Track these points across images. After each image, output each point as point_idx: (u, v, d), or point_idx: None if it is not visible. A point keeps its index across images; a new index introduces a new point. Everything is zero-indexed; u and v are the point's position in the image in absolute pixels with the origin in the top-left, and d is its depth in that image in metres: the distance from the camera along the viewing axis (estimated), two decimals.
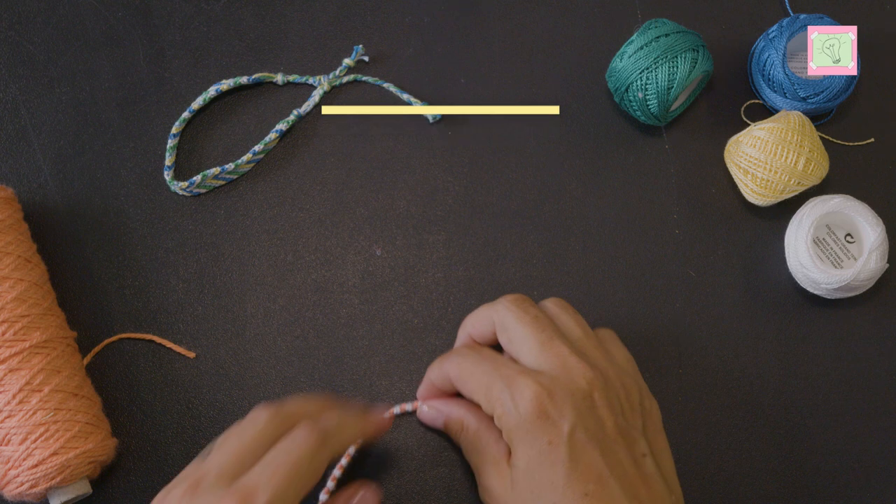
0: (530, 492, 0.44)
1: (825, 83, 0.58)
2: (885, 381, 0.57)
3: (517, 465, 0.45)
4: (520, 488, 0.45)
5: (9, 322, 0.51)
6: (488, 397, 0.46)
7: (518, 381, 0.45)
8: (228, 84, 0.60)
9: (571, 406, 0.44)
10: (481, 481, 0.48)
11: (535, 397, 0.44)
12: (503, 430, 0.46)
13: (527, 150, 0.60)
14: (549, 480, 0.43)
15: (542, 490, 0.44)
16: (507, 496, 0.46)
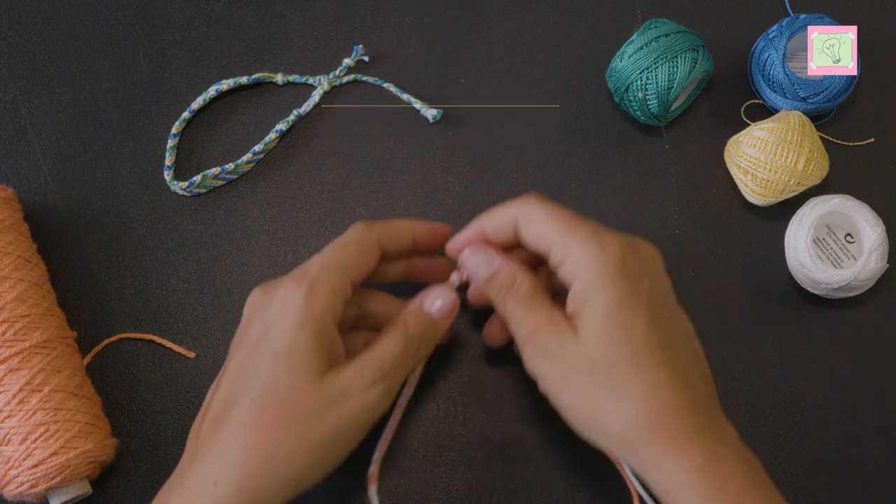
0: (608, 340, 0.44)
1: (825, 83, 0.58)
2: (885, 381, 0.57)
3: (595, 312, 0.44)
4: (594, 338, 0.44)
5: (9, 322, 0.51)
6: (566, 241, 0.45)
7: (604, 233, 0.46)
8: (228, 84, 0.60)
9: (649, 269, 0.46)
10: (536, 343, 0.46)
11: (623, 249, 0.45)
12: (576, 278, 0.45)
13: (527, 150, 0.60)
14: (631, 325, 0.44)
15: (622, 335, 0.44)
16: (571, 352, 0.44)
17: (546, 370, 0.45)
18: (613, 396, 0.43)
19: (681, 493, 0.42)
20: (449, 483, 0.55)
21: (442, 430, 0.55)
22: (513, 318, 0.47)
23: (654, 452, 0.43)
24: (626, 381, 0.43)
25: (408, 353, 0.47)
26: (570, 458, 0.55)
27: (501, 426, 0.55)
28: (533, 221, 0.47)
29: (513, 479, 0.55)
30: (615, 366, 0.43)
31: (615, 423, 0.43)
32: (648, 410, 0.43)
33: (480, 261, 0.48)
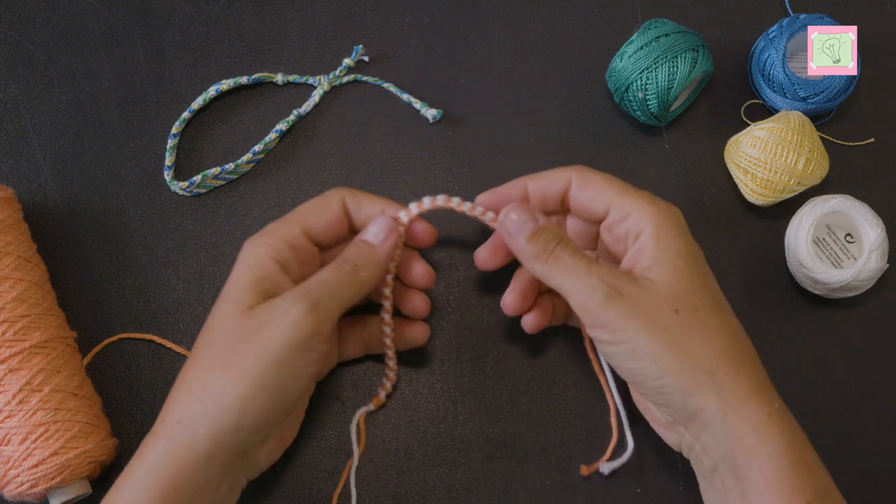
0: (691, 284, 0.46)
1: (825, 83, 0.58)
2: (885, 380, 0.57)
3: (676, 259, 0.46)
4: (678, 281, 0.46)
5: (9, 322, 0.51)
6: (629, 198, 0.48)
7: (658, 199, 0.48)
8: (228, 84, 0.60)
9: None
10: (612, 286, 0.45)
11: (678, 212, 0.48)
12: (644, 231, 0.47)
13: (527, 150, 0.60)
14: (705, 274, 0.47)
15: (703, 281, 0.47)
16: (654, 295, 0.45)
17: (622, 312, 0.45)
18: (701, 334, 0.45)
19: (757, 437, 0.43)
20: (449, 483, 0.55)
21: (442, 430, 0.55)
22: (572, 270, 0.47)
23: (739, 390, 0.44)
24: (712, 321, 0.45)
25: (340, 275, 0.48)
26: (569, 457, 0.55)
27: (501, 426, 0.55)
28: (590, 181, 0.49)
29: (513, 479, 0.55)
30: (699, 308, 0.45)
31: (704, 360, 0.44)
32: (734, 349, 0.45)
33: (524, 216, 0.48)
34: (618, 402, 0.54)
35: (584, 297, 0.46)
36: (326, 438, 0.55)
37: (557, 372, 0.56)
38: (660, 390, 0.45)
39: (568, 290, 0.47)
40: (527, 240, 0.48)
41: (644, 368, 0.45)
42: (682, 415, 0.45)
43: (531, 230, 0.48)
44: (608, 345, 0.46)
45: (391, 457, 0.55)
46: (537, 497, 0.54)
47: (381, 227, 0.50)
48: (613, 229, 0.49)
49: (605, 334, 0.46)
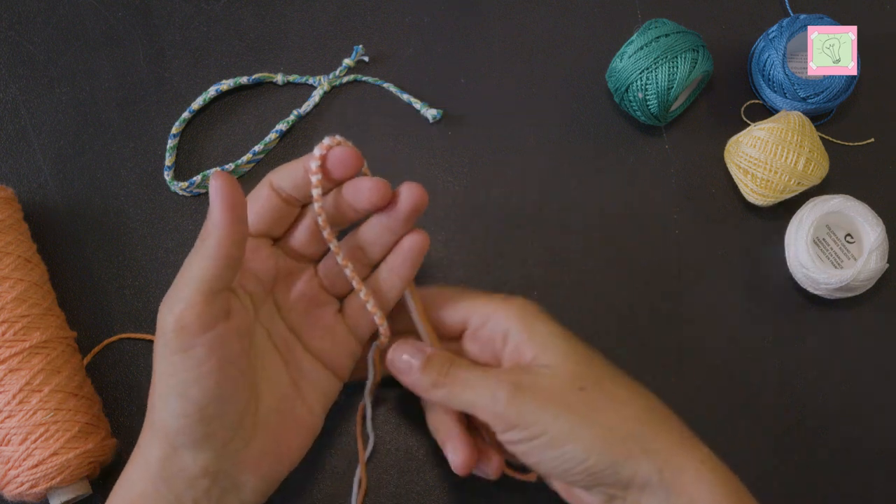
0: (584, 363, 0.46)
1: (825, 83, 0.58)
2: (885, 380, 0.57)
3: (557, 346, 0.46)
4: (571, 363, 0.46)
5: (9, 322, 0.51)
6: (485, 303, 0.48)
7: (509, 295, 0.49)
8: (228, 84, 0.60)
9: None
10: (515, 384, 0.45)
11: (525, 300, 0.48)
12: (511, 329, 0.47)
13: (527, 150, 0.60)
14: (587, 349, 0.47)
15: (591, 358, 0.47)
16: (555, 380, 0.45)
17: (531, 405, 0.44)
18: (614, 403, 0.45)
19: (696, 485, 0.43)
20: (449, 483, 0.55)
21: None
22: (470, 383, 0.46)
23: (667, 445, 0.44)
24: (617, 390, 0.46)
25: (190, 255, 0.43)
26: None
27: None
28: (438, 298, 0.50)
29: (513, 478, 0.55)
30: (601, 379, 0.46)
31: (625, 424, 0.44)
32: (649, 409, 0.46)
33: (412, 350, 0.48)
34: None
35: (489, 402, 0.45)
36: (326, 438, 0.55)
37: None
38: (589, 471, 0.44)
39: (473, 403, 0.45)
40: (420, 371, 0.47)
41: (567, 454, 0.44)
42: (617, 487, 0.44)
43: (421, 361, 0.47)
44: (525, 443, 0.45)
45: (391, 457, 0.55)
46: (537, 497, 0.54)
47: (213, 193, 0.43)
48: (477, 337, 0.49)
49: (520, 433, 0.44)
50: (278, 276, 0.49)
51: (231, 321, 0.44)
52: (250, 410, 0.46)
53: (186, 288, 0.42)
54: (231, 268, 0.43)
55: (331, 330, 0.50)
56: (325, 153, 0.45)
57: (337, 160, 0.46)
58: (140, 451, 0.45)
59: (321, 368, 0.50)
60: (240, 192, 0.43)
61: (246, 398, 0.45)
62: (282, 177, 0.47)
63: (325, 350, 0.50)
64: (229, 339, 0.44)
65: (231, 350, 0.44)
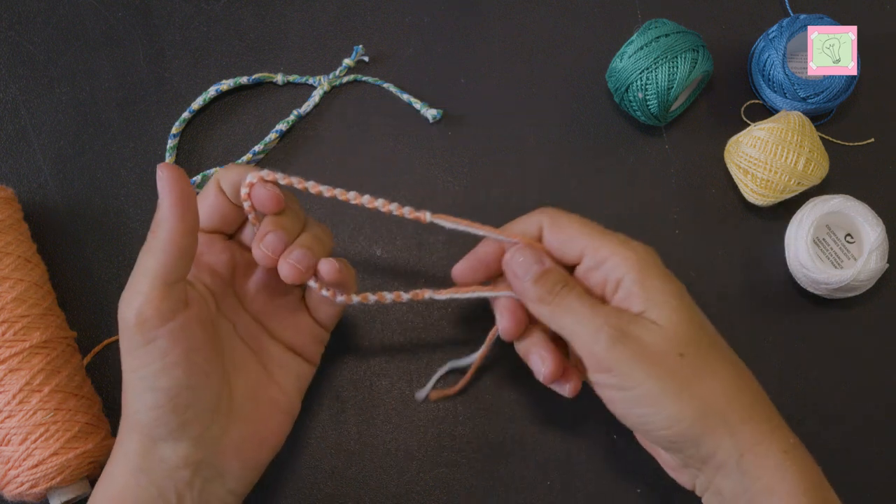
0: (690, 326, 0.45)
1: (825, 83, 0.58)
2: (885, 381, 0.57)
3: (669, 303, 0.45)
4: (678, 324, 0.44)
5: (9, 322, 0.51)
6: (603, 243, 0.46)
7: (631, 239, 0.47)
8: (228, 84, 0.60)
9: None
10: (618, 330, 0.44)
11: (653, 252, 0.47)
12: (626, 276, 0.45)
13: (527, 150, 0.60)
14: (699, 314, 0.46)
15: (701, 323, 0.46)
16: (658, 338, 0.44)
17: (629, 356, 0.43)
18: (709, 376, 0.44)
19: (776, 476, 0.42)
20: (449, 483, 0.55)
21: (442, 430, 0.55)
22: (577, 313, 0.45)
23: (754, 431, 0.43)
24: (716, 363, 0.45)
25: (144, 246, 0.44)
26: (569, 457, 0.55)
27: (501, 426, 0.55)
28: (561, 226, 0.48)
29: (513, 479, 0.55)
30: (702, 348, 0.44)
31: (716, 400, 0.43)
32: (743, 388, 0.44)
33: (531, 258, 0.47)
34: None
35: (589, 339, 0.44)
36: (326, 438, 0.55)
37: None
38: (669, 438, 0.44)
39: (572, 333, 0.45)
40: (532, 282, 0.47)
41: (652, 416, 0.44)
42: (694, 459, 0.44)
43: (537, 272, 0.47)
44: (613, 390, 0.44)
45: (391, 457, 0.55)
46: (537, 497, 0.54)
47: (161, 184, 0.44)
48: (588, 277, 0.47)
49: (611, 378, 0.44)
50: (236, 269, 0.50)
51: (190, 310, 0.44)
52: (223, 397, 0.46)
53: (142, 282, 0.43)
54: (184, 259, 0.44)
55: (294, 317, 0.51)
56: (248, 190, 0.47)
57: (258, 199, 0.47)
58: (119, 446, 0.45)
59: (290, 354, 0.51)
60: (188, 183, 0.44)
61: (217, 385, 0.46)
62: (225, 182, 0.48)
63: (291, 337, 0.51)
64: (191, 328, 0.44)
65: (194, 338, 0.44)
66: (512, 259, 0.48)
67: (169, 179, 0.43)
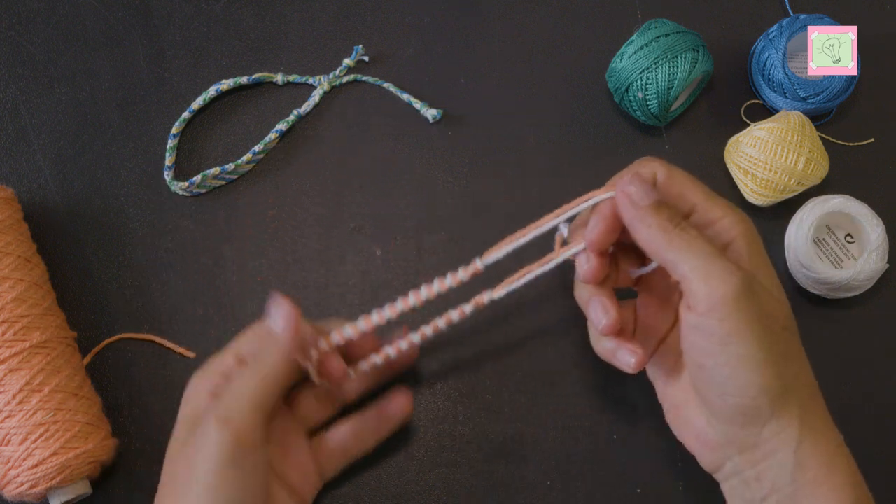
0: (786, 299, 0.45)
1: (825, 83, 0.58)
2: (885, 381, 0.57)
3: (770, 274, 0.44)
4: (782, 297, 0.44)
5: (9, 322, 0.51)
6: (716, 203, 0.45)
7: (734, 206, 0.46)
8: (228, 84, 0.60)
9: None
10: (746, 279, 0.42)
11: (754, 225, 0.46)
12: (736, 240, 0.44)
13: (527, 150, 0.60)
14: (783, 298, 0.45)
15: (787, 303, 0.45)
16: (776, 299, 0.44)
17: (748, 311, 0.41)
18: (798, 356, 0.44)
19: (827, 468, 0.42)
20: (449, 483, 0.55)
21: (442, 430, 0.55)
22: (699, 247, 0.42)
23: (817, 420, 0.43)
24: (800, 345, 0.45)
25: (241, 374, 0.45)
26: (569, 457, 0.55)
27: (501, 426, 0.55)
28: (677, 179, 0.46)
29: (513, 479, 0.55)
30: (794, 328, 0.44)
31: (799, 383, 0.43)
32: (811, 380, 0.45)
33: (648, 188, 0.44)
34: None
35: (716, 279, 0.41)
36: None
37: (557, 372, 0.56)
38: (742, 408, 0.42)
39: (693, 268, 0.42)
40: (654, 208, 0.44)
41: (739, 379, 0.41)
42: (748, 438, 0.43)
43: (657, 199, 0.44)
44: (711, 340, 0.41)
45: (391, 457, 0.55)
46: (537, 497, 0.54)
47: (279, 311, 0.46)
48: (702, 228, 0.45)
49: (719, 327, 0.41)
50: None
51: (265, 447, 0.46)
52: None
53: (244, 406, 0.44)
54: (283, 388, 0.45)
55: (301, 463, 0.51)
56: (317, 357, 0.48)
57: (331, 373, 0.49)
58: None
59: (286, 495, 0.50)
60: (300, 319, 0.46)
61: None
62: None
63: (293, 480, 0.50)
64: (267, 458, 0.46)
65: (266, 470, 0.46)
66: (628, 186, 0.44)
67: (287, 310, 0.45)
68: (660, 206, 0.44)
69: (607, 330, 0.46)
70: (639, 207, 0.44)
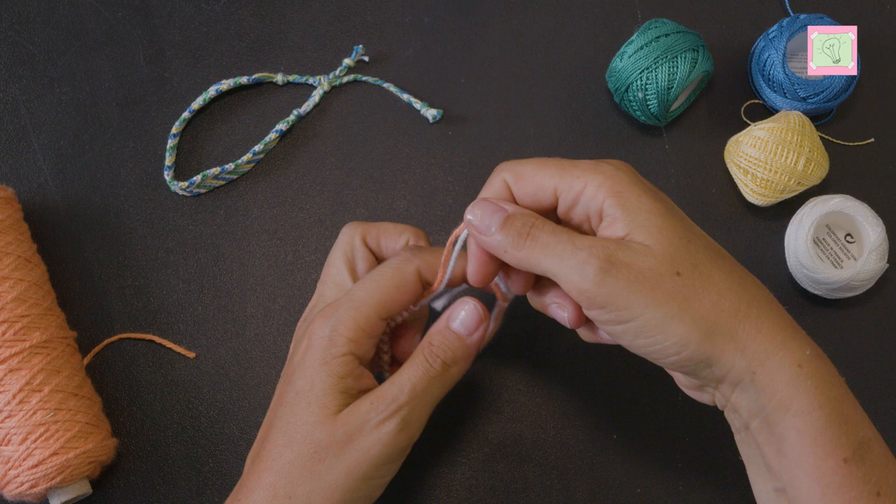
0: (682, 242, 0.41)
1: (825, 83, 0.58)
2: (885, 381, 0.57)
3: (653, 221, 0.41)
4: (668, 242, 0.41)
5: (9, 322, 0.51)
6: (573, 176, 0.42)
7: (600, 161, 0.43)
8: (228, 84, 0.60)
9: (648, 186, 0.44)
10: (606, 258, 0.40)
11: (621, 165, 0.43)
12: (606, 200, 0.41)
13: (527, 150, 0.60)
14: (688, 226, 0.43)
15: (691, 237, 0.42)
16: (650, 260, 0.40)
17: (623, 286, 0.40)
18: (709, 293, 0.40)
19: (790, 391, 0.40)
20: (449, 483, 0.55)
21: (442, 430, 0.55)
22: (555, 249, 0.41)
23: (764, 345, 0.40)
24: (715, 277, 0.41)
25: (430, 377, 0.45)
26: (569, 457, 0.55)
27: (501, 426, 0.55)
28: (525, 176, 0.44)
29: (513, 479, 0.55)
30: (699, 264, 0.41)
31: (719, 320, 0.40)
32: (748, 301, 0.41)
33: (490, 209, 0.43)
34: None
35: (575, 276, 0.40)
36: None
37: (557, 372, 0.56)
38: (680, 363, 0.41)
39: (556, 273, 0.41)
40: (498, 231, 0.42)
41: (658, 344, 0.40)
42: (710, 379, 0.41)
43: (499, 221, 0.43)
44: (613, 324, 0.41)
45: None
46: (537, 497, 0.54)
47: (471, 315, 0.47)
48: (571, 217, 0.43)
49: (607, 314, 0.40)
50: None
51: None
52: None
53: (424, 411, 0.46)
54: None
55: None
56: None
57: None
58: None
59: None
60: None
61: None
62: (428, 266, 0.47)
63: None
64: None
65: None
66: (470, 219, 0.43)
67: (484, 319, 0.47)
68: (503, 226, 0.42)
69: (574, 324, 0.45)
70: (487, 234, 0.43)
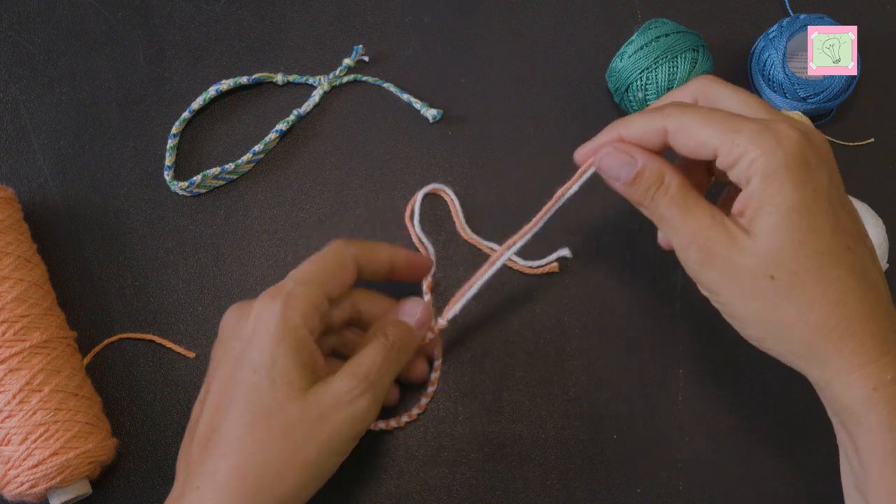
0: (791, 244, 0.40)
1: (825, 83, 0.58)
2: None
3: (776, 213, 0.40)
4: (775, 241, 0.40)
5: (9, 322, 0.51)
6: (735, 141, 0.41)
7: (777, 123, 0.41)
8: (228, 84, 0.60)
9: (825, 160, 0.42)
10: (702, 246, 0.41)
11: (800, 141, 0.41)
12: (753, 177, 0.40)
13: (526, 150, 0.60)
14: (816, 228, 0.41)
15: (807, 239, 0.40)
16: (747, 256, 0.41)
17: (715, 277, 0.41)
18: (799, 304, 0.40)
19: (862, 409, 0.40)
20: (449, 483, 0.55)
21: (442, 430, 0.55)
22: (668, 222, 0.43)
23: (841, 364, 0.41)
24: (812, 287, 0.40)
25: (389, 360, 0.48)
26: (569, 457, 0.55)
27: (501, 426, 0.55)
28: (687, 129, 0.42)
29: (513, 479, 0.55)
30: (799, 272, 0.40)
31: (801, 332, 0.41)
32: (837, 318, 0.40)
33: (621, 160, 0.44)
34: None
35: (681, 253, 0.43)
36: None
37: (557, 372, 0.56)
38: (765, 349, 0.43)
39: (671, 242, 0.43)
40: (626, 188, 0.44)
41: (743, 329, 0.43)
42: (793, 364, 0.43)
43: (627, 177, 0.43)
44: (711, 299, 0.43)
45: (391, 457, 0.55)
46: (537, 497, 0.54)
47: (422, 314, 0.51)
48: (728, 176, 0.42)
49: (704, 290, 0.43)
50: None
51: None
52: None
53: (386, 388, 0.49)
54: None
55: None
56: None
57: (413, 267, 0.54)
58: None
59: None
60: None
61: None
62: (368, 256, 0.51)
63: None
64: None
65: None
66: (602, 161, 0.45)
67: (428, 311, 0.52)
68: (631, 184, 0.44)
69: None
70: (618, 187, 0.45)
